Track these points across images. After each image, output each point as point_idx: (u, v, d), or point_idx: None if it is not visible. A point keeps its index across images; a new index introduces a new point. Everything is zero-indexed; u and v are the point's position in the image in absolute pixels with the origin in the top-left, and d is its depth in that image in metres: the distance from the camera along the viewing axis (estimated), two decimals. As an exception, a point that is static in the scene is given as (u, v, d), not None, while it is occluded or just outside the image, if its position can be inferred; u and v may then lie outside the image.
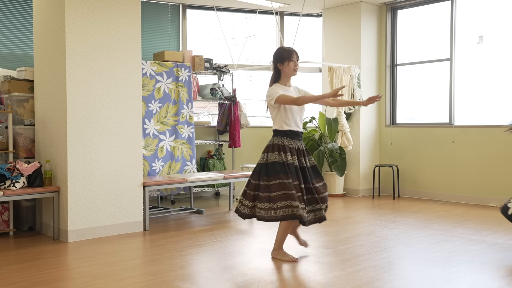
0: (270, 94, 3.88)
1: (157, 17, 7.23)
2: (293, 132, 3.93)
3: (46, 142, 4.95)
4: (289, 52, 3.94)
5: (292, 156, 3.87)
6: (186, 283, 3.41)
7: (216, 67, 7.08)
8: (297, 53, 3.98)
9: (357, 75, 7.30)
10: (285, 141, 3.89)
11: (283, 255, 3.95)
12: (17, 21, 6.18)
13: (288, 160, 3.85)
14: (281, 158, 3.84)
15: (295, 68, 3.94)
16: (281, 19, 8.12)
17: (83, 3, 4.69)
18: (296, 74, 3.98)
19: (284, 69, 3.94)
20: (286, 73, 3.95)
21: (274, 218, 3.77)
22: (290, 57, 3.92)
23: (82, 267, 3.82)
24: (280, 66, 3.95)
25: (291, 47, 4.01)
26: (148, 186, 5.16)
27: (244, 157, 7.64)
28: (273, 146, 3.91)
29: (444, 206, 6.55)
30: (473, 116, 7.00)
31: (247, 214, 3.93)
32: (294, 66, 3.93)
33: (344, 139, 7.22)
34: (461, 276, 3.54)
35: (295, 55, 3.95)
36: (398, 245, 4.48)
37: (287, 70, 3.93)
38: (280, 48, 4.03)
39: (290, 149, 3.89)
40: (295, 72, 3.95)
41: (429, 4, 7.27)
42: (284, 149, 3.87)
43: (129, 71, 5.00)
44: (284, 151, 3.87)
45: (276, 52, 4.00)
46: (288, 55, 3.92)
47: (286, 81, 3.98)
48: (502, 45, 6.71)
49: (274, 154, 3.87)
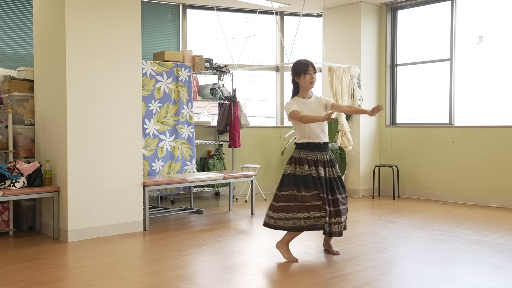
0: (286, 109, 3.99)
1: (157, 17, 7.23)
2: (312, 144, 3.96)
3: (46, 142, 4.95)
4: (305, 65, 3.98)
5: (310, 167, 3.90)
6: (186, 283, 3.41)
7: (216, 67, 7.08)
8: (313, 66, 4.01)
9: (357, 75, 7.30)
10: (302, 154, 3.95)
11: (286, 251, 3.98)
12: (17, 21, 6.19)
13: (305, 172, 3.88)
14: (296, 170, 3.90)
15: (312, 81, 3.98)
16: (281, 19, 8.12)
17: (83, 2, 4.69)
18: (313, 87, 4.02)
19: (301, 82, 3.99)
20: (303, 86, 4.00)
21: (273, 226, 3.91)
22: (306, 70, 3.96)
23: (82, 266, 3.82)
24: (297, 79, 4.01)
25: (308, 60, 4.04)
26: (148, 186, 5.16)
27: (244, 157, 7.64)
28: (291, 158, 3.99)
29: (444, 206, 6.55)
30: (473, 116, 7.00)
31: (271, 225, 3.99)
32: (310, 79, 3.97)
33: (344, 139, 7.22)
34: (461, 276, 3.54)
35: (311, 68, 3.98)
36: (398, 245, 4.48)
37: (303, 83, 3.98)
38: (297, 61, 4.06)
39: (308, 161, 3.92)
40: (312, 84, 3.99)
41: (429, 4, 7.27)
42: (301, 162, 3.92)
43: (129, 71, 5.00)
44: (300, 163, 3.92)
45: (293, 65, 4.05)
46: (304, 68, 3.97)
47: (304, 93, 4.03)
48: (502, 45, 6.71)
49: (290, 166, 3.94)
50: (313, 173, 3.89)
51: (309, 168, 3.90)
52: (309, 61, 4.02)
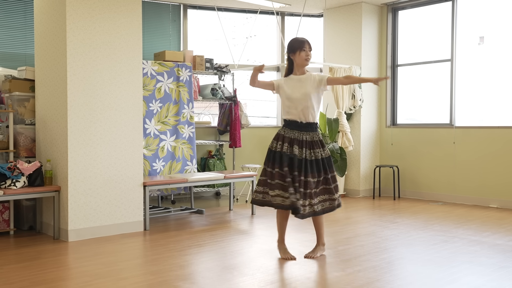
0: None
1: (158, 17, 7.23)
2: (294, 123, 3.91)
3: (47, 141, 4.95)
4: (301, 42, 3.97)
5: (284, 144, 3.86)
6: (186, 283, 3.41)
7: (217, 67, 7.08)
8: (309, 44, 4.00)
9: (358, 75, 7.30)
10: (282, 130, 3.94)
11: (282, 251, 3.99)
12: (18, 20, 6.19)
13: (278, 149, 3.87)
14: (273, 146, 3.91)
15: (307, 58, 3.95)
16: (282, 19, 8.12)
17: (84, 2, 4.70)
18: (307, 64, 3.99)
19: (295, 59, 3.98)
20: (298, 63, 3.98)
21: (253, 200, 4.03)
22: (302, 47, 3.95)
23: (82, 266, 3.82)
24: (292, 56, 4.00)
25: (305, 38, 4.04)
26: (148, 186, 5.16)
27: (244, 157, 7.64)
28: (276, 135, 3.99)
29: (444, 207, 6.54)
30: (474, 117, 7.00)
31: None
32: (305, 55, 3.95)
33: (345, 140, 7.22)
34: (461, 277, 3.54)
35: (307, 45, 3.97)
36: (399, 246, 4.47)
37: (298, 60, 3.97)
38: (293, 38, 4.06)
39: (284, 138, 3.89)
40: (307, 62, 3.96)
41: (430, 4, 7.27)
42: (279, 138, 3.92)
43: (130, 71, 5.00)
44: (281, 140, 3.90)
45: (289, 42, 4.04)
46: (300, 45, 3.96)
47: (297, 70, 4.01)
48: (503, 46, 6.71)
49: (272, 142, 3.95)
50: (287, 151, 3.85)
51: (284, 145, 3.86)
52: (306, 38, 4.02)
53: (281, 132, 3.95)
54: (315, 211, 3.86)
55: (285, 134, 3.91)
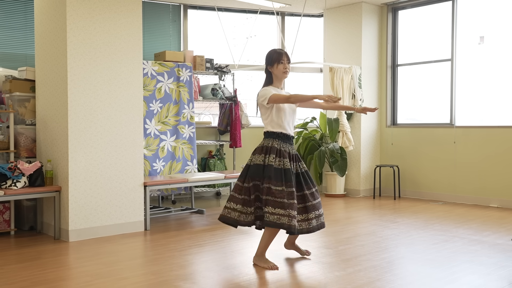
0: (263, 94, 3.82)
1: (158, 17, 7.24)
2: (286, 136, 3.85)
3: (47, 141, 4.96)
4: (279, 54, 3.84)
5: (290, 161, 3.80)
6: (187, 282, 3.41)
7: (217, 67, 7.09)
8: (287, 56, 3.87)
9: (358, 75, 7.30)
10: (275, 143, 3.81)
11: (264, 261, 3.79)
12: (19, 21, 6.19)
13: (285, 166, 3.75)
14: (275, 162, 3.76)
15: (285, 71, 3.84)
16: (282, 20, 8.13)
17: (85, 3, 4.70)
18: (286, 77, 3.89)
19: (274, 71, 3.87)
20: (277, 76, 3.87)
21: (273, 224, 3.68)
22: (280, 59, 3.82)
23: (83, 266, 3.82)
24: (271, 69, 3.88)
25: (282, 50, 3.91)
26: (149, 186, 5.17)
27: (245, 157, 7.63)
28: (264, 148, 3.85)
29: (445, 206, 6.54)
30: (474, 116, 7.00)
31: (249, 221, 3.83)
32: (283, 68, 3.83)
33: (345, 140, 7.22)
34: (462, 276, 3.54)
35: (285, 57, 3.84)
36: (399, 246, 4.48)
37: (277, 72, 3.85)
38: (271, 50, 3.93)
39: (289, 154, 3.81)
40: (285, 74, 3.86)
41: (430, 4, 7.27)
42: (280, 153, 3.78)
43: (130, 71, 5.01)
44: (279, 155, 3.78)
45: (267, 54, 3.92)
46: (278, 57, 3.83)
47: (277, 84, 3.91)
48: (503, 45, 6.71)
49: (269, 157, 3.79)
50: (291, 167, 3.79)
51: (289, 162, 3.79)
52: (284, 50, 3.90)
53: (274, 145, 3.81)
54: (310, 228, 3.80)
55: (281, 148, 3.81)
